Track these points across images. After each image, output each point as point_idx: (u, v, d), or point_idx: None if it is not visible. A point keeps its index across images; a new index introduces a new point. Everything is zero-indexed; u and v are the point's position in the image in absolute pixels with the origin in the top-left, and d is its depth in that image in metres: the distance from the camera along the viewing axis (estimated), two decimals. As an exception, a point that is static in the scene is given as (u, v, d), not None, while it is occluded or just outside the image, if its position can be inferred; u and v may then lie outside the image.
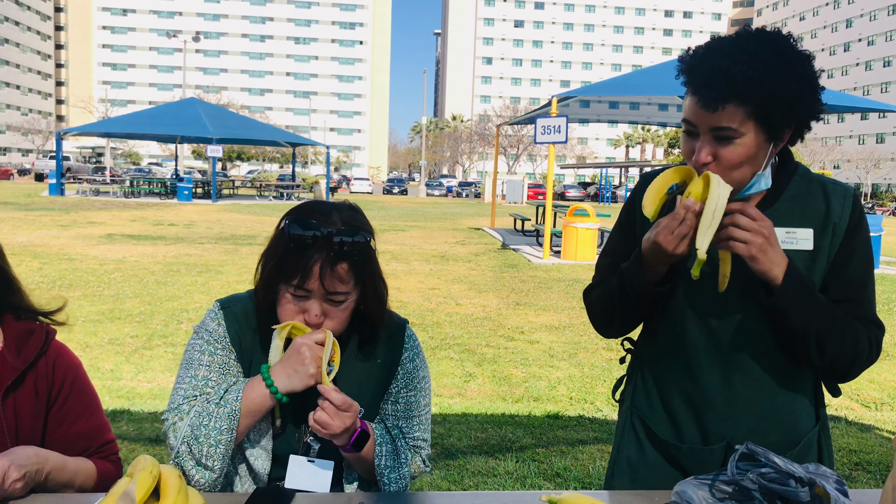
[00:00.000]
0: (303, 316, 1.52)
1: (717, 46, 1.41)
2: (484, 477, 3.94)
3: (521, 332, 7.77)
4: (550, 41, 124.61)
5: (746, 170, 1.44)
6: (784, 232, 1.51)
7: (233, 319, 1.61)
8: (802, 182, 1.56)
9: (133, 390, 5.28)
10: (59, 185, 31.83)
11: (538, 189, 48.09)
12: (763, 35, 1.40)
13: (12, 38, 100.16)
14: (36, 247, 13.12)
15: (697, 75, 1.40)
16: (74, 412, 1.68)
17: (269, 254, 1.55)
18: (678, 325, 1.61)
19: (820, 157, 68.60)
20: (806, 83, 1.39)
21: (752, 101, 1.36)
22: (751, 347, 1.55)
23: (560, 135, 13.62)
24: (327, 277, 1.46)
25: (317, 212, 1.52)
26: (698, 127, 1.43)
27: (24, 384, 1.61)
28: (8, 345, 1.62)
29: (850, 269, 1.52)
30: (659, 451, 1.68)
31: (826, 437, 1.67)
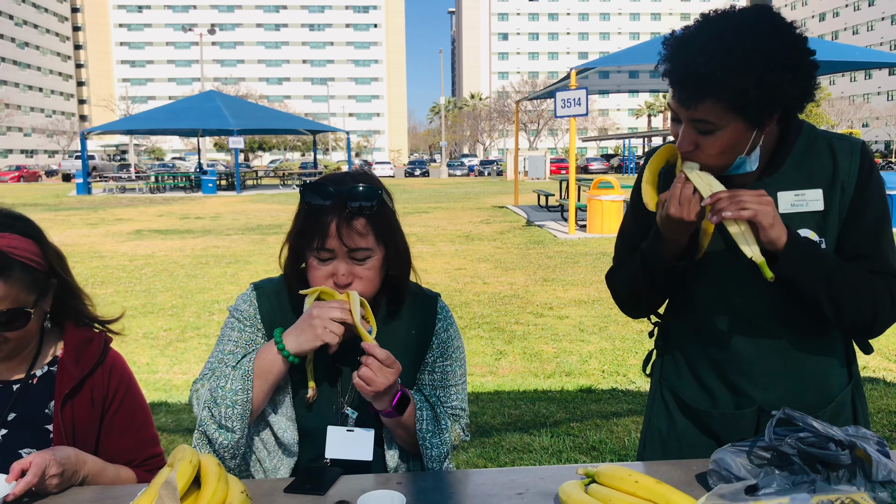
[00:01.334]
0: (331, 280, 1.54)
1: (691, 40, 1.35)
2: (520, 453, 3.95)
3: (550, 307, 7.76)
4: (566, 13, 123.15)
5: (730, 156, 1.42)
6: (793, 195, 1.49)
7: (264, 298, 1.66)
8: (807, 142, 1.52)
9: (169, 382, 5.36)
10: (86, 184, 32.24)
11: (561, 164, 47.78)
12: (743, 20, 1.33)
13: (32, 41, 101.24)
14: (67, 246, 13.33)
15: (671, 72, 1.37)
16: (124, 423, 1.70)
17: (294, 225, 1.59)
18: (700, 299, 1.60)
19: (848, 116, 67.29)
20: (788, 71, 1.32)
21: (727, 98, 1.33)
22: (774, 313, 1.54)
23: (580, 107, 13.49)
24: (345, 234, 1.50)
25: (331, 179, 1.57)
26: (681, 117, 1.42)
27: (82, 392, 1.64)
28: (68, 352, 1.65)
29: (863, 224, 1.49)
30: (690, 420, 1.67)
31: (860, 396, 1.65)
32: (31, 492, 1.40)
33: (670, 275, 1.55)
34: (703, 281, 1.58)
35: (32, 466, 1.40)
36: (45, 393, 1.63)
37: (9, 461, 1.42)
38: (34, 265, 1.55)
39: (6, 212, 1.58)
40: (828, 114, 63.56)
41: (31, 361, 1.65)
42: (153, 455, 1.74)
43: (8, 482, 1.38)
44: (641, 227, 1.68)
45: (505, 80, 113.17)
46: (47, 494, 1.44)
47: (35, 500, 1.42)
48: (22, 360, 1.64)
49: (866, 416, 1.66)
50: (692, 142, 1.42)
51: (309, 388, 1.60)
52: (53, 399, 1.61)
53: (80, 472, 1.52)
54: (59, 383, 1.62)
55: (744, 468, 1.27)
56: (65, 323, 1.69)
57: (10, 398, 1.61)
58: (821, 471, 1.20)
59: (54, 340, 1.69)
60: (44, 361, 1.67)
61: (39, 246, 1.59)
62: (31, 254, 1.55)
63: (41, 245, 1.59)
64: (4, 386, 1.62)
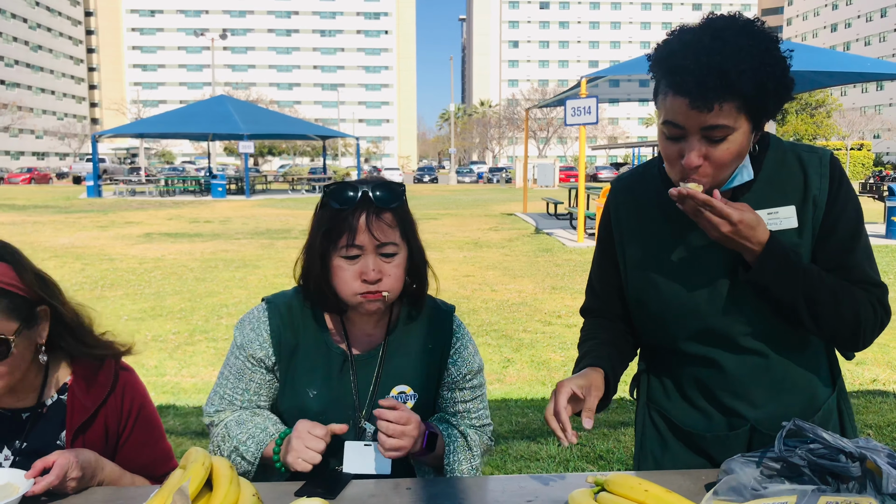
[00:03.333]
0: (360, 280, 1.54)
1: (695, 41, 1.30)
2: (527, 461, 3.95)
3: (559, 316, 7.75)
4: (577, 21, 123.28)
5: (735, 164, 1.40)
6: (766, 213, 1.46)
7: (275, 314, 1.66)
8: (776, 157, 1.50)
9: (177, 385, 5.38)
10: (97, 186, 32.41)
11: (570, 171, 47.73)
12: (735, 23, 1.32)
13: (45, 45, 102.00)
14: (77, 248, 13.40)
15: (686, 74, 1.29)
16: (138, 442, 1.66)
17: (314, 231, 1.60)
18: (676, 321, 1.58)
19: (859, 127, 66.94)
20: (784, 66, 1.33)
21: (746, 95, 1.29)
22: (753, 329, 1.51)
23: (590, 116, 13.49)
24: (375, 227, 1.52)
25: (349, 182, 1.59)
26: (687, 129, 1.34)
27: (95, 423, 1.59)
28: (77, 381, 1.59)
29: (837, 237, 1.47)
30: (683, 443, 1.66)
31: (845, 402, 1.64)
32: (48, 490, 1.41)
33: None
34: (676, 303, 1.55)
35: (56, 467, 1.40)
36: (56, 423, 1.57)
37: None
38: (10, 289, 1.45)
39: None
40: (839, 125, 63.24)
41: (39, 390, 1.58)
42: (169, 470, 1.68)
43: (27, 478, 1.39)
44: (610, 265, 1.67)
45: (515, 88, 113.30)
46: (63, 494, 1.45)
47: (51, 499, 1.44)
48: (28, 388, 1.57)
49: (853, 422, 1.65)
50: (701, 154, 1.36)
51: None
52: (65, 430, 1.57)
53: (98, 477, 1.52)
54: (69, 416, 1.56)
55: (754, 479, 1.27)
56: (69, 353, 1.60)
57: (19, 427, 1.56)
58: (831, 482, 1.21)
59: (63, 366, 1.62)
60: (52, 390, 1.60)
61: (15, 269, 1.48)
62: (4, 276, 1.45)
63: (17, 268, 1.48)
64: (13, 414, 1.56)
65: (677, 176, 1.42)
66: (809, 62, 13.70)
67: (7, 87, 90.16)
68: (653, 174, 1.61)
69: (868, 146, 57.93)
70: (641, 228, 1.60)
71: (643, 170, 1.66)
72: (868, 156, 55.85)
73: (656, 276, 1.57)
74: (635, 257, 1.60)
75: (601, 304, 1.73)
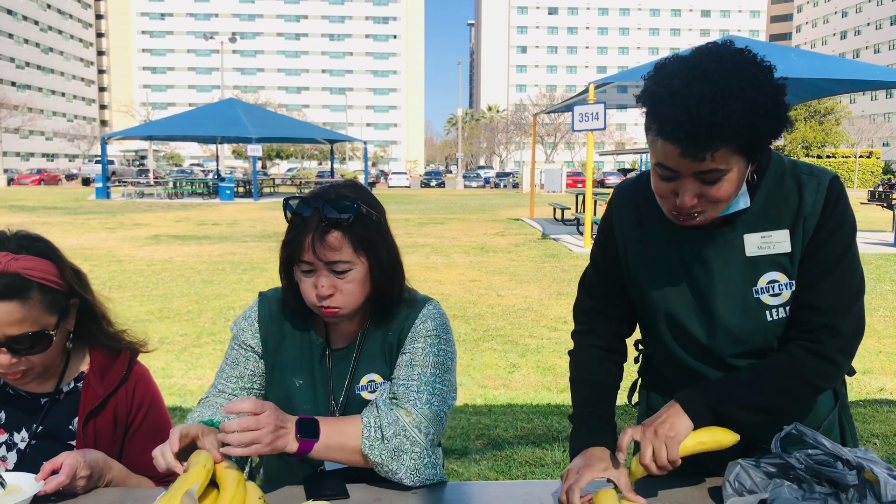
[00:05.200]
0: (314, 294, 1.56)
1: (684, 88, 1.25)
2: (531, 467, 3.95)
3: (564, 321, 7.75)
4: (585, 27, 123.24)
5: (731, 199, 1.37)
6: (759, 237, 1.45)
7: (265, 305, 1.73)
8: (775, 178, 1.46)
9: (184, 387, 5.40)
10: (105, 188, 32.57)
11: (577, 177, 47.75)
12: (725, 60, 1.26)
13: (56, 47, 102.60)
14: (85, 249, 13.47)
15: (675, 126, 1.25)
16: (146, 440, 1.70)
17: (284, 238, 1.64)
18: (669, 338, 1.59)
19: (868, 135, 66.72)
20: (778, 100, 1.28)
21: (739, 140, 1.26)
22: (752, 357, 1.50)
23: (598, 122, 13.49)
24: (318, 247, 1.52)
25: (315, 191, 1.60)
26: (680, 172, 1.32)
27: (105, 410, 1.66)
28: (93, 369, 1.67)
29: (817, 259, 1.43)
30: None
31: (847, 417, 1.64)
32: (57, 491, 1.43)
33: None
34: (671, 315, 1.56)
35: (64, 467, 1.43)
36: (71, 409, 1.65)
37: (33, 472, 1.45)
38: (53, 286, 1.54)
39: (21, 233, 1.58)
40: (848, 132, 63.01)
41: (59, 377, 1.66)
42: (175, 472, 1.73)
43: (37, 480, 1.41)
44: (610, 268, 1.67)
45: (523, 93, 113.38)
46: (72, 495, 1.47)
47: (60, 499, 1.46)
48: (49, 375, 1.66)
49: (854, 436, 1.64)
50: (695, 195, 1.34)
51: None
52: (77, 416, 1.64)
53: (106, 477, 1.55)
54: (83, 401, 1.64)
55: (756, 481, 1.28)
56: (89, 343, 1.69)
57: (37, 411, 1.64)
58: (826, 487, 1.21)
59: (81, 356, 1.70)
60: (71, 377, 1.68)
61: (57, 266, 1.57)
62: (48, 274, 1.54)
63: (58, 265, 1.58)
64: (32, 398, 1.65)
65: (670, 209, 1.41)
66: (819, 69, 13.68)
67: (18, 89, 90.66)
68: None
69: (877, 154, 57.68)
70: (642, 238, 1.60)
71: (646, 178, 1.66)
72: (877, 164, 55.63)
73: (654, 286, 1.58)
74: (635, 265, 1.61)
75: (595, 303, 1.72)
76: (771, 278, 1.46)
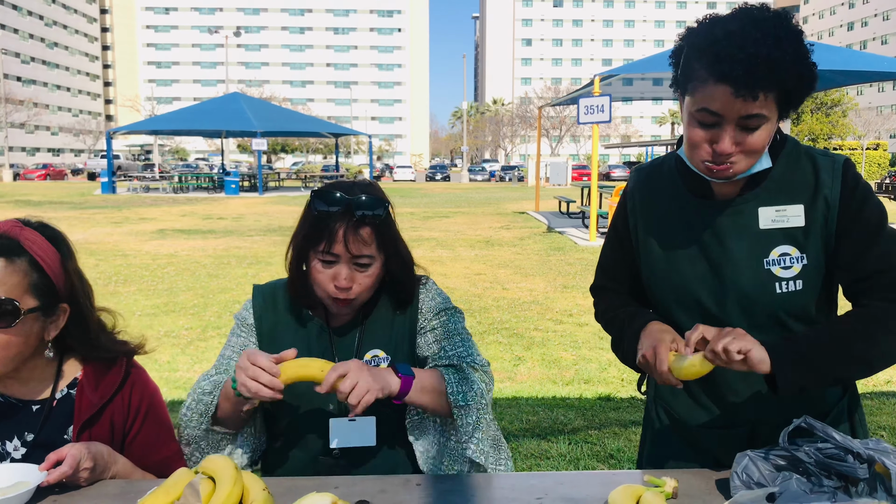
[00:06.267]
0: (333, 283, 1.59)
1: (739, 29, 1.29)
2: (537, 460, 3.95)
3: (570, 314, 7.74)
4: (591, 20, 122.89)
5: (762, 152, 1.40)
6: (773, 210, 1.48)
7: (259, 296, 1.76)
8: (791, 157, 1.51)
9: (189, 381, 5.41)
10: (111, 183, 32.65)
11: (582, 170, 47.61)
12: (770, 14, 1.32)
13: (61, 42, 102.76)
14: (91, 244, 13.50)
15: (734, 63, 1.27)
16: (146, 444, 1.66)
17: (299, 228, 1.66)
18: (679, 315, 1.59)
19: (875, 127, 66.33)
20: (811, 60, 1.34)
21: (787, 85, 1.30)
22: (761, 330, 1.49)
23: (604, 114, 13.45)
24: (351, 241, 1.57)
25: (339, 187, 1.63)
26: (725, 117, 1.33)
27: (101, 419, 1.59)
28: (87, 376, 1.60)
29: (857, 234, 1.45)
30: (685, 439, 1.67)
31: (857, 408, 1.63)
32: (60, 482, 1.42)
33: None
34: (683, 296, 1.57)
35: (68, 458, 1.42)
36: (65, 418, 1.58)
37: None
38: (46, 269, 1.48)
39: (43, 222, 1.57)
40: (855, 124, 62.70)
41: (53, 383, 1.59)
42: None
43: (40, 470, 1.41)
44: (625, 257, 1.71)
45: (528, 86, 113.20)
46: (75, 487, 1.47)
47: (64, 490, 1.45)
48: (41, 380, 1.58)
49: (865, 428, 1.64)
50: (735, 142, 1.36)
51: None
52: (72, 425, 1.57)
53: (110, 470, 1.53)
54: (77, 410, 1.57)
55: (765, 474, 1.27)
56: (82, 356, 1.62)
57: (29, 419, 1.57)
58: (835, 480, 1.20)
59: (76, 361, 1.63)
60: (64, 383, 1.61)
61: (60, 257, 1.52)
62: (46, 256, 1.49)
63: (62, 257, 1.53)
64: (23, 405, 1.57)
65: (703, 158, 1.41)
66: (825, 60, 13.58)
67: (23, 84, 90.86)
68: (670, 167, 1.64)
69: (884, 146, 57.41)
70: (654, 220, 1.62)
71: (660, 162, 1.69)
72: (884, 155, 55.35)
73: (665, 268, 1.59)
74: (648, 248, 1.63)
75: (612, 283, 1.78)
76: (783, 251, 1.48)
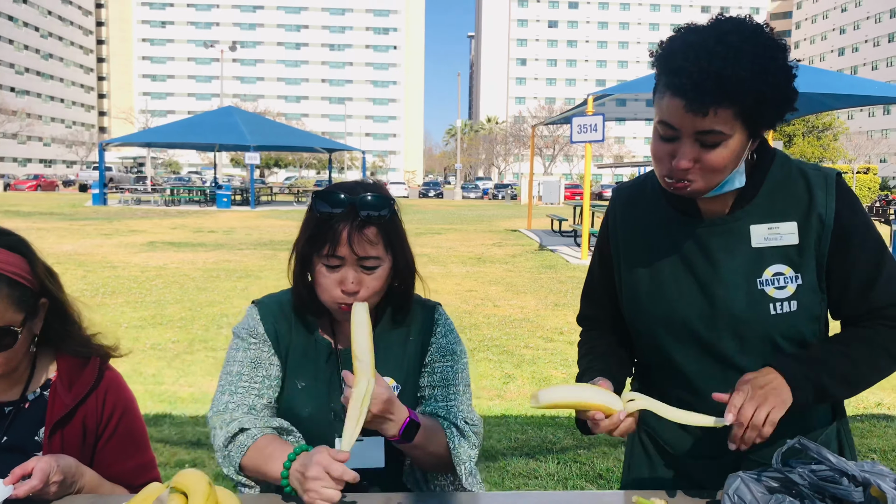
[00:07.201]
0: (339, 288, 1.54)
1: (699, 42, 1.27)
2: (525, 479, 3.90)
3: (561, 332, 7.71)
4: (585, 41, 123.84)
5: (728, 171, 1.36)
6: (766, 228, 1.45)
7: (267, 312, 1.68)
8: (781, 172, 1.47)
9: (175, 395, 5.34)
10: (102, 194, 32.53)
11: (575, 189, 47.80)
12: (743, 27, 1.29)
13: (56, 53, 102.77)
14: (80, 255, 13.41)
15: (683, 76, 1.26)
16: (118, 450, 1.63)
17: (301, 232, 1.60)
18: (662, 337, 1.55)
19: (865, 151, 66.91)
20: (788, 75, 1.30)
21: (743, 102, 1.27)
22: (753, 353, 1.47)
23: (597, 134, 13.49)
24: (356, 241, 1.51)
25: (342, 187, 1.58)
26: (681, 131, 1.32)
27: (73, 420, 1.57)
28: (61, 377, 1.58)
29: (852, 252, 1.43)
30: (669, 467, 1.63)
31: (846, 433, 1.60)
32: (27, 497, 1.38)
33: None
34: (666, 316, 1.53)
35: (37, 471, 1.38)
36: (37, 419, 1.56)
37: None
38: (22, 281, 1.47)
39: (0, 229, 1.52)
40: (845, 148, 63.20)
41: (25, 384, 1.57)
42: (150, 480, 1.65)
43: (5, 484, 1.36)
44: (607, 273, 1.68)
45: (522, 105, 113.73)
46: (43, 501, 1.42)
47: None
48: (14, 381, 1.56)
49: (853, 453, 1.61)
50: (692, 158, 1.33)
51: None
52: (43, 426, 1.55)
53: (78, 483, 1.49)
54: (49, 411, 1.54)
55: (757, 496, 1.24)
56: (57, 348, 1.60)
57: (1, 421, 1.55)
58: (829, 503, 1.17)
59: (48, 362, 1.61)
60: (37, 384, 1.58)
61: (28, 261, 1.50)
62: (18, 269, 1.46)
63: (30, 261, 1.51)
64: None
65: (664, 173, 1.39)
66: (817, 84, 13.69)
67: (17, 95, 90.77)
68: (653, 185, 1.60)
69: (874, 170, 57.82)
70: (638, 240, 1.59)
71: (643, 181, 1.65)
72: (874, 179, 55.76)
73: (651, 291, 1.55)
74: (630, 268, 1.59)
75: (598, 311, 1.74)
76: (776, 270, 1.44)
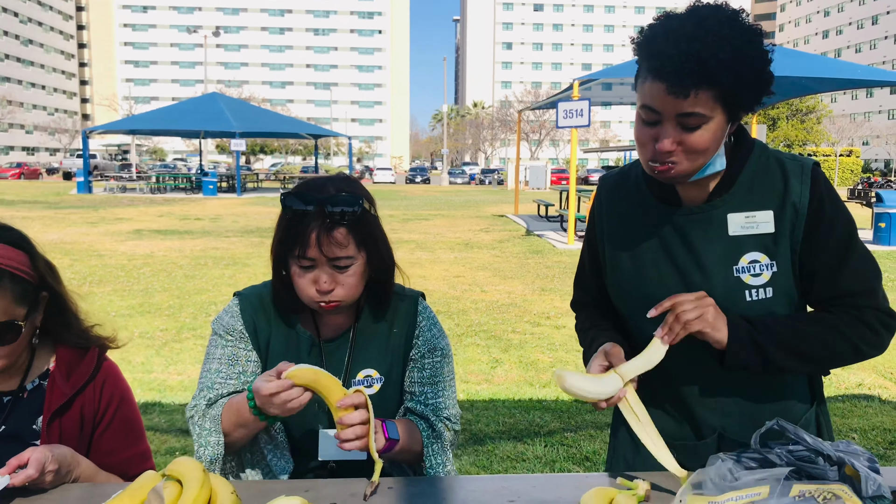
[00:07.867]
0: (314, 288, 1.55)
1: (678, 27, 1.31)
2: (513, 462, 3.95)
3: (548, 317, 7.76)
4: (571, 24, 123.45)
5: (709, 154, 1.39)
6: (743, 217, 1.47)
7: (247, 304, 1.69)
8: (759, 161, 1.50)
9: (164, 383, 5.35)
10: (87, 182, 32.24)
11: (561, 174, 47.78)
12: (721, 12, 1.33)
13: (36, 39, 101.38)
14: (66, 244, 13.33)
15: (664, 59, 1.29)
16: (115, 440, 1.65)
17: (276, 232, 1.61)
18: (646, 325, 1.55)
19: (848, 134, 67.30)
20: (765, 59, 1.34)
21: (723, 85, 1.30)
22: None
23: (583, 118, 13.51)
24: (325, 243, 1.51)
25: (312, 186, 1.58)
26: (663, 114, 1.35)
27: (71, 409, 1.59)
28: (59, 367, 1.60)
29: (823, 242, 1.45)
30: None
31: (824, 416, 1.64)
32: (23, 486, 1.40)
33: None
34: (647, 306, 1.53)
35: (33, 461, 1.40)
36: (35, 408, 1.59)
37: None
38: (24, 276, 1.50)
39: (1, 224, 1.54)
40: (828, 131, 63.53)
41: (23, 374, 1.60)
42: (144, 471, 1.64)
43: (2, 475, 1.38)
44: (594, 258, 1.70)
45: (508, 90, 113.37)
46: (39, 490, 1.44)
47: (26, 494, 1.42)
48: (13, 371, 1.59)
49: (831, 435, 1.65)
50: (675, 141, 1.36)
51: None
52: (41, 415, 1.57)
53: (73, 473, 1.51)
54: (48, 400, 1.57)
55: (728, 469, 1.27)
56: (56, 339, 1.63)
57: (0, 411, 1.57)
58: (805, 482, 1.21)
59: (47, 352, 1.64)
60: (35, 374, 1.61)
61: (29, 256, 1.53)
62: (20, 264, 1.49)
63: (31, 255, 1.54)
64: None
65: (648, 157, 1.42)
66: (801, 68, 13.76)
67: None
68: (636, 174, 1.63)
69: (857, 153, 58.27)
70: (621, 227, 1.62)
71: (627, 170, 1.68)
72: (857, 162, 56.19)
73: (632, 276, 1.58)
74: (613, 254, 1.62)
75: (591, 297, 1.77)
76: (752, 258, 1.47)
